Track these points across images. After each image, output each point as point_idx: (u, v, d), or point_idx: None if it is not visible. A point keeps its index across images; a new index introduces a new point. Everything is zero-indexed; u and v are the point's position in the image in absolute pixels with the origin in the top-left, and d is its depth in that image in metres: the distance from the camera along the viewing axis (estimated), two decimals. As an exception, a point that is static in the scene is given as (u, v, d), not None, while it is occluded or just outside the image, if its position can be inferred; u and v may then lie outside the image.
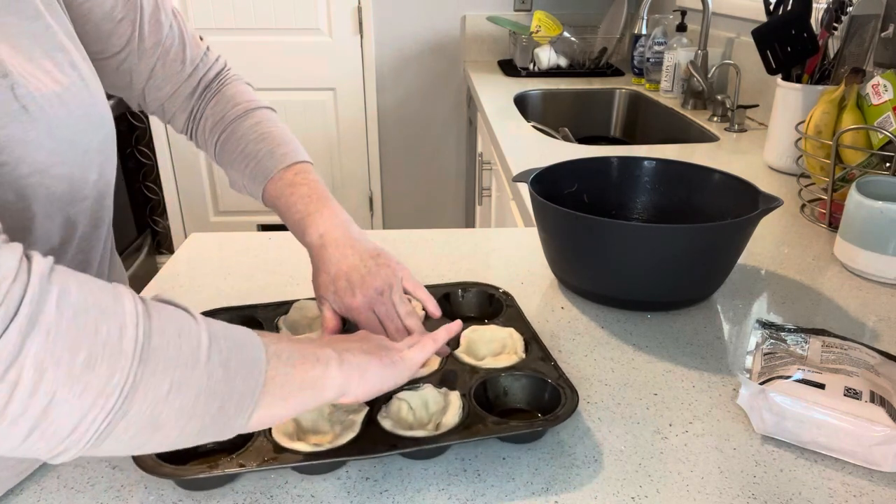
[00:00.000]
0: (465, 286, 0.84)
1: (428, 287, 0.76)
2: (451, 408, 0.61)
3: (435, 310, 0.73)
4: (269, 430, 0.59)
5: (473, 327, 0.75)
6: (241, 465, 0.56)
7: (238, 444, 0.57)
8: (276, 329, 0.76)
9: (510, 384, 0.67)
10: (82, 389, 0.37)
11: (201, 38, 0.79)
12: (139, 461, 0.55)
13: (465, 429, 0.59)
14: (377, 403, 0.62)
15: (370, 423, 0.60)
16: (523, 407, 0.66)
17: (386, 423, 0.60)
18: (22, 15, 0.56)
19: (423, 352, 0.60)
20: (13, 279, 0.36)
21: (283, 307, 0.79)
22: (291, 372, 0.49)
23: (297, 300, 0.80)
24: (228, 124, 0.76)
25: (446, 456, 0.60)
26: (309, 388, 0.50)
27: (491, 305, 0.82)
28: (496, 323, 0.76)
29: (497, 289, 0.83)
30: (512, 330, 0.74)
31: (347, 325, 0.73)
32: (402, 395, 0.63)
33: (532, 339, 0.72)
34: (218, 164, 0.79)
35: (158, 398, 0.40)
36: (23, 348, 0.35)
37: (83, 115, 0.60)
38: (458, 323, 0.65)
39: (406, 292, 0.72)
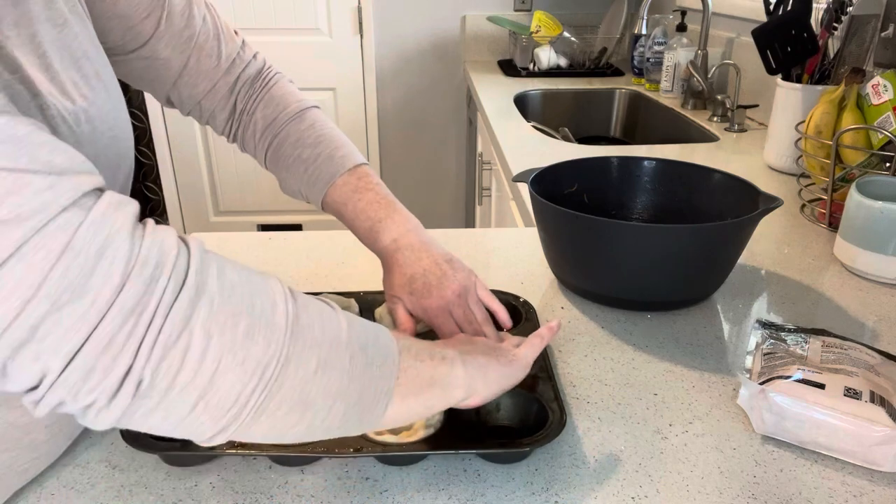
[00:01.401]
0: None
1: None
2: (431, 418, 0.61)
3: (507, 320, 0.73)
4: None
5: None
6: (212, 448, 0.57)
7: None
8: None
9: (504, 400, 0.65)
10: (244, 358, 0.39)
11: (236, 33, 0.77)
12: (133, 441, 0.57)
13: (436, 441, 0.59)
14: None
15: None
16: (514, 425, 0.65)
17: None
18: (52, 23, 0.54)
19: (533, 349, 0.61)
20: (177, 252, 0.38)
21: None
22: (421, 367, 0.50)
23: (322, 293, 0.80)
24: (281, 127, 0.75)
25: (446, 456, 0.60)
26: (438, 386, 0.51)
27: (511, 315, 0.79)
28: (512, 333, 0.74)
29: (517, 298, 0.82)
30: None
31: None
32: None
33: (541, 358, 0.69)
34: (269, 169, 0.78)
35: (308, 375, 0.42)
36: (192, 315, 0.37)
37: (107, 129, 0.58)
38: (557, 321, 0.65)
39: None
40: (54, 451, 0.60)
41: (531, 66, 2.43)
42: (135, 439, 0.58)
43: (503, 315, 0.73)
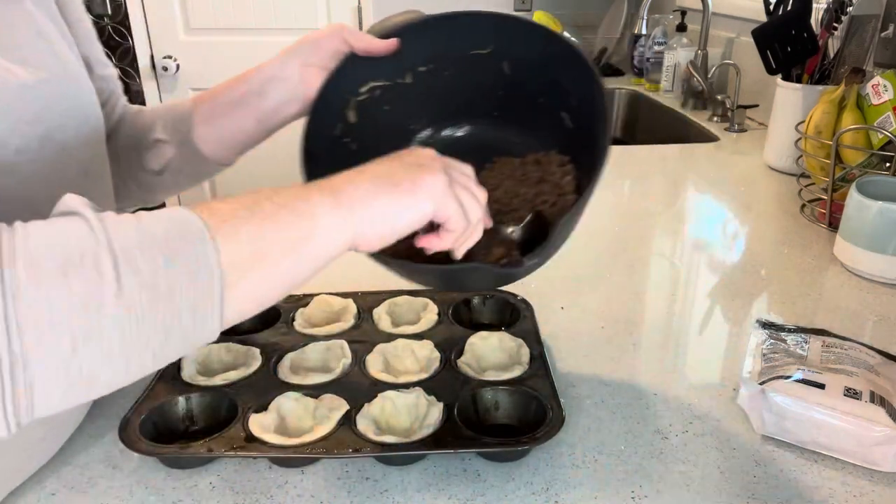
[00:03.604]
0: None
1: None
2: (429, 417, 0.61)
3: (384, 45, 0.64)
4: (246, 420, 0.61)
5: (482, 334, 0.73)
6: (210, 451, 0.58)
7: (213, 428, 0.61)
8: (292, 321, 0.77)
9: (502, 399, 0.66)
10: None
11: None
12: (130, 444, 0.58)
13: (435, 441, 0.59)
14: (360, 400, 0.63)
15: (348, 421, 0.61)
16: (513, 424, 0.65)
17: (361, 424, 0.60)
18: (5, 2, 0.53)
19: (459, 171, 0.51)
20: None
21: (304, 300, 0.80)
22: (258, 248, 0.40)
23: (319, 293, 0.80)
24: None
25: (446, 456, 0.60)
26: (291, 253, 0.42)
27: (509, 313, 0.80)
28: (509, 332, 0.74)
29: (515, 296, 0.82)
30: (521, 342, 0.72)
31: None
32: (388, 393, 0.64)
33: (539, 357, 0.70)
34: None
35: (68, 365, 0.34)
36: None
37: (65, 109, 0.56)
38: None
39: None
40: (49, 449, 0.60)
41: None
42: (134, 442, 0.58)
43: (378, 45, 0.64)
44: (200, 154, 0.70)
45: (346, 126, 0.67)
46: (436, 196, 0.47)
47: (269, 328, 0.76)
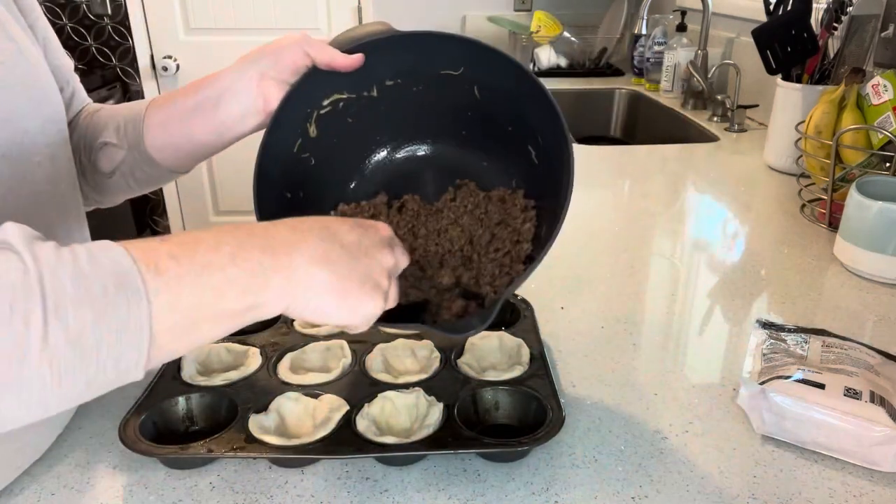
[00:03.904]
0: None
1: None
2: (429, 417, 0.61)
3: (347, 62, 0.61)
4: (246, 420, 0.61)
5: (483, 334, 0.73)
6: (210, 451, 0.58)
7: (213, 429, 0.61)
8: (292, 321, 0.77)
9: (502, 399, 0.66)
10: None
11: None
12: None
13: (435, 441, 0.59)
14: (360, 400, 0.63)
15: (348, 421, 0.61)
16: (513, 424, 0.65)
17: (361, 424, 0.60)
18: None
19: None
20: None
21: None
22: (195, 318, 0.39)
23: None
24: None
25: (446, 456, 0.60)
26: (226, 322, 0.41)
27: (509, 313, 0.80)
28: (509, 332, 0.74)
29: (515, 296, 0.82)
30: (521, 342, 0.72)
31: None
32: (388, 394, 0.64)
33: (539, 357, 0.70)
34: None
35: None
36: None
37: (21, 91, 0.55)
38: None
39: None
40: (41, 443, 0.59)
41: (531, 66, 2.43)
42: (134, 442, 0.58)
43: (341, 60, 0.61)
44: (152, 160, 0.67)
45: (306, 140, 0.64)
46: (368, 318, 0.48)
47: (269, 328, 0.76)
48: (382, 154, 0.69)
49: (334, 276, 0.45)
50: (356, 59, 0.60)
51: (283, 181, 0.63)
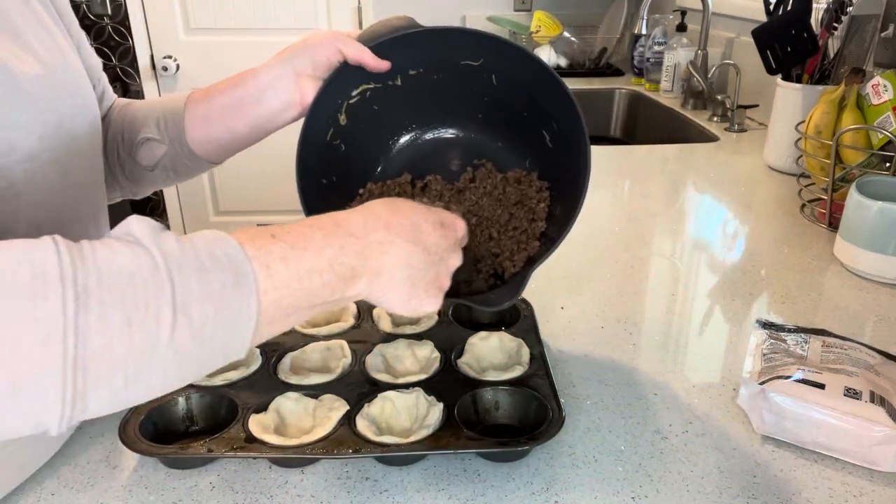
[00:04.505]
0: None
1: None
2: (429, 418, 0.61)
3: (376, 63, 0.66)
4: (245, 420, 0.61)
5: (482, 334, 0.73)
6: (210, 451, 0.58)
7: (213, 429, 0.61)
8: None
9: (502, 399, 0.66)
10: (20, 412, 0.34)
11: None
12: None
13: (435, 441, 0.59)
14: (360, 400, 0.64)
15: (348, 421, 0.61)
16: (513, 424, 0.65)
17: (361, 424, 0.60)
18: None
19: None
20: None
21: None
22: (293, 315, 0.44)
23: None
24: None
25: (446, 456, 0.60)
26: (311, 312, 0.46)
27: (509, 313, 0.80)
28: (509, 332, 0.74)
29: None
30: (521, 342, 0.72)
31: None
32: (388, 394, 0.64)
33: (539, 357, 0.70)
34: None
35: (118, 396, 0.37)
36: None
37: (70, 97, 0.58)
38: None
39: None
40: (49, 447, 0.59)
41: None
42: (134, 442, 0.58)
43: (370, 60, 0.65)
44: (193, 154, 0.71)
45: (337, 128, 0.69)
46: (425, 314, 0.54)
47: (269, 328, 0.76)
48: (405, 137, 0.74)
49: (410, 279, 0.50)
50: (383, 64, 0.66)
51: (319, 168, 0.67)
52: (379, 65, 0.65)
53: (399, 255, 0.49)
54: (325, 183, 0.68)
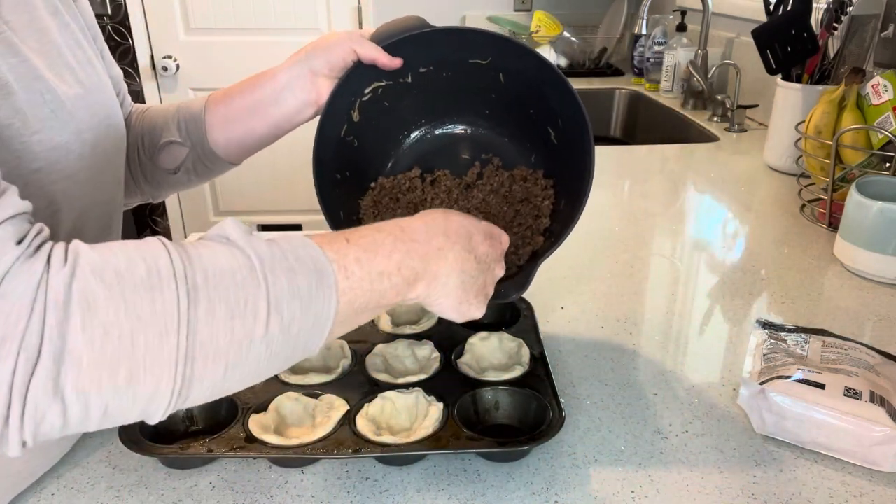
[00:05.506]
0: None
1: None
2: (429, 418, 0.61)
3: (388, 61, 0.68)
4: (245, 420, 0.61)
5: (482, 334, 0.73)
6: (210, 451, 0.58)
7: (213, 429, 0.61)
8: None
9: (502, 399, 0.66)
10: (131, 401, 0.37)
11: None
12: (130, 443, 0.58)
13: (435, 441, 0.59)
14: (360, 400, 0.64)
15: (348, 421, 0.61)
16: (513, 424, 0.65)
17: (361, 424, 0.60)
18: (47, 10, 0.56)
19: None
20: (28, 315, 0.33)
21: None
22: (361, 314, 0.47)
23: None
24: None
25: (446, 456, 0.60)
26: (384, 306, 0.48)
27: (509, 314, 0.80)
28: (509, 332, 0.74)
29: None
30: (521, 342, 0.72)
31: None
32: (388, 394, 0.64)
33: (539, 357, 0.70)
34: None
35: (216, 385, 0.40)
36: (57, 386, 0.34)
37: (104, 117, 0.60)
38: None
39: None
40: (56, 453, 0.60)
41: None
42: (134, 442, 0.58)
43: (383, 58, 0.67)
44: (214, 155, 0.73)
45: (351, 125, 0.71)
46: (470, 319, 0.56)
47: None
48: (415, 132, 0.76)
49: (462, 285, 0.52)
50: (395, 62, 0.67)
51: (334, 164, 0.69)
52: (392, 62, 0.67)
53: (455, 261, 0.51)
54: (339, 177, 0.70)
